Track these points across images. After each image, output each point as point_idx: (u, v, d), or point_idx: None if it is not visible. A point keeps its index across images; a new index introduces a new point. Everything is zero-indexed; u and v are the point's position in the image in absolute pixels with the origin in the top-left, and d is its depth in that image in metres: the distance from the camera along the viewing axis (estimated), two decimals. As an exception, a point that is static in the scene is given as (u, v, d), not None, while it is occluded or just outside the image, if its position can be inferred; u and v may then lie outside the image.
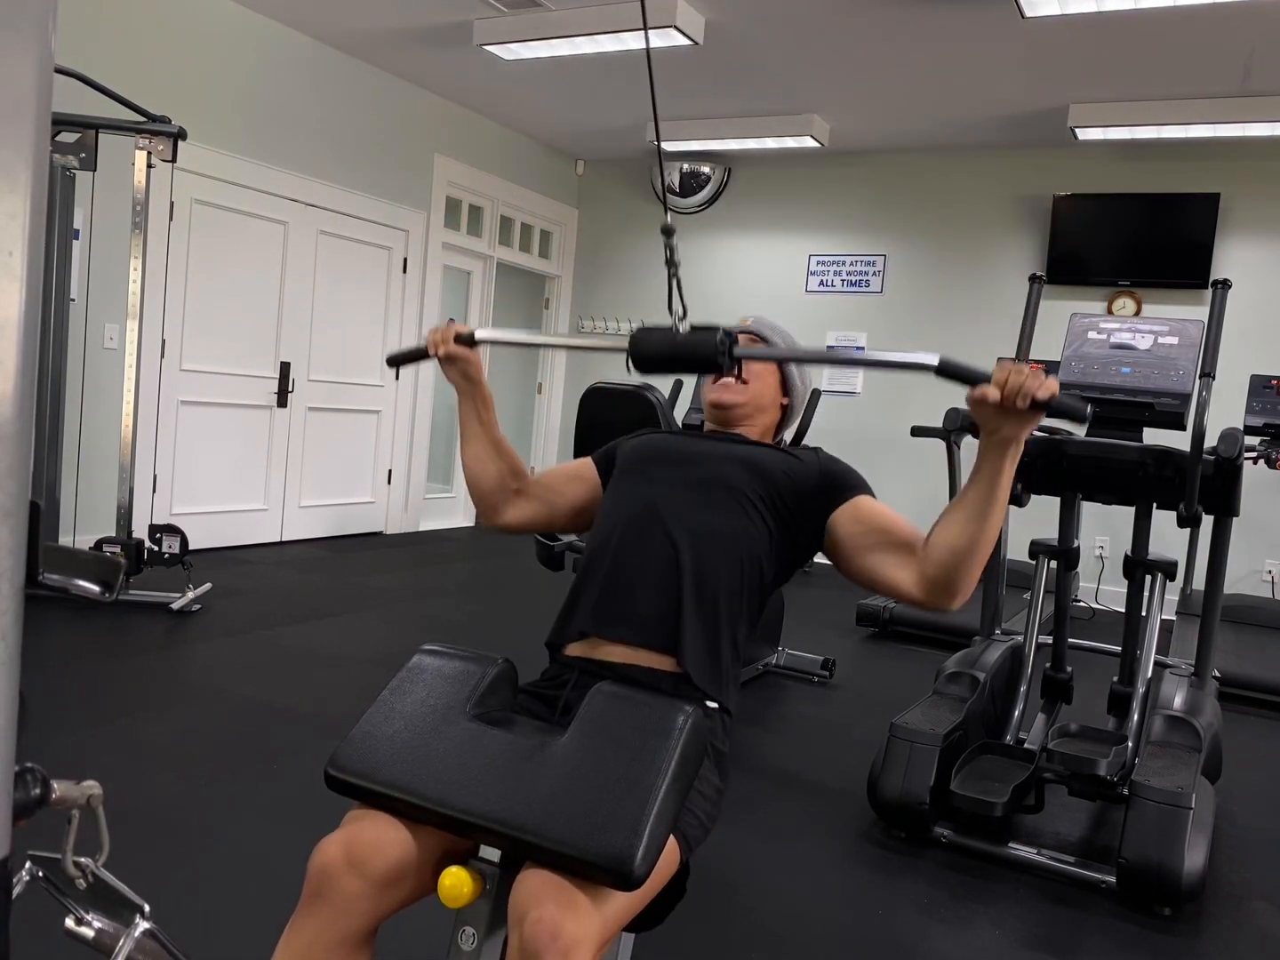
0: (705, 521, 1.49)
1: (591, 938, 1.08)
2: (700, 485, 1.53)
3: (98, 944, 1.00)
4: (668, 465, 1.58)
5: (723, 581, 1.47)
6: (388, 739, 1.25)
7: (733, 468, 1.55)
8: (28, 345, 0.56)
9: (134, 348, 4.12)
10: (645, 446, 1.65)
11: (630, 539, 1.50)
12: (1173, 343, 2.57)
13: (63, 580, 3.86)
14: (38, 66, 0.54)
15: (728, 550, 1.48)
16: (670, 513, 1.50)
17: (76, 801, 0.84)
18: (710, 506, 1.51)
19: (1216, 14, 4.22)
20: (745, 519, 1.50)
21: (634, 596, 1.46)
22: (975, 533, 1.35)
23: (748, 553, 1.50)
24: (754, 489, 1.52)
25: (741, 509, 1.51)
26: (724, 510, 1.51)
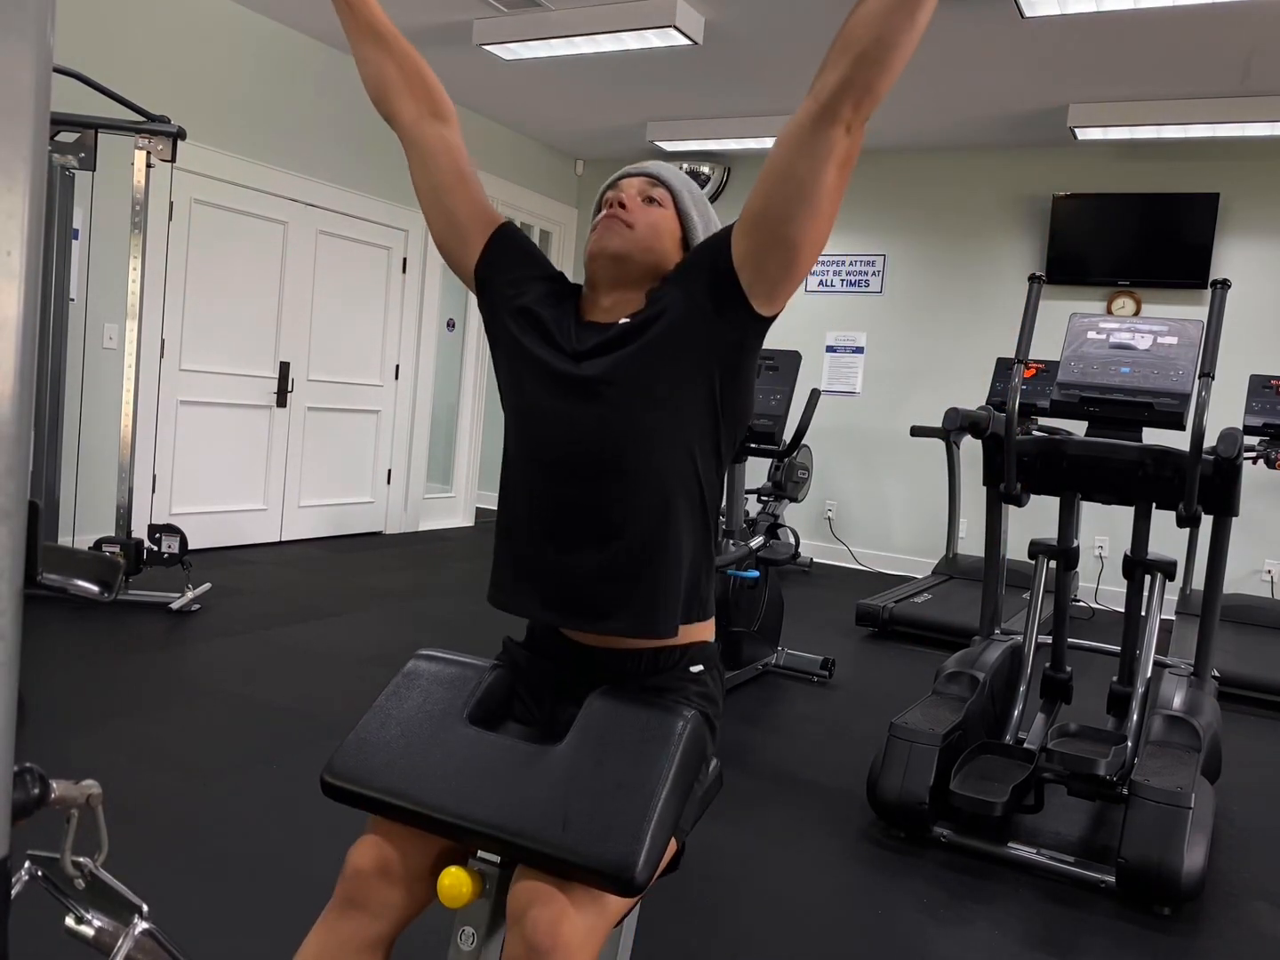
0: (612, 463, 1.27)
1: (589, 936, 1.08)
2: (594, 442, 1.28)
3: (97, 943, 1.00)
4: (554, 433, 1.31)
5: (645, 533, 1.26)
6: (384, 745, 1.25)
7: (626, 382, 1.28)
8: (27, 345, 0.56)
9: (133, 347, 4.12)
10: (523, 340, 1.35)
11: (536, 508, 1.31)
12: (1172, 343, 2.57)
13: (62, 580, 3.85)
14: (36, 65, 0.54)
15: (636, 489, 1.27)
16: (570, 484, 1.28)
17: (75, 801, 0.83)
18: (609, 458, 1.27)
19: (1216, 14, 4.22)
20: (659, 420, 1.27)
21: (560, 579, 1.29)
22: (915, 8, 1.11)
23: (663, 481, 1.27)
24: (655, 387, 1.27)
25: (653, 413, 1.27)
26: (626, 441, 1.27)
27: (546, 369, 1.32)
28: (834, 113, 1.16)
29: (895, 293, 6.79)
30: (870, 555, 6.87)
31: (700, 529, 1.32)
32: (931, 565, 6.52)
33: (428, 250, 6.56)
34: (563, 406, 1.30)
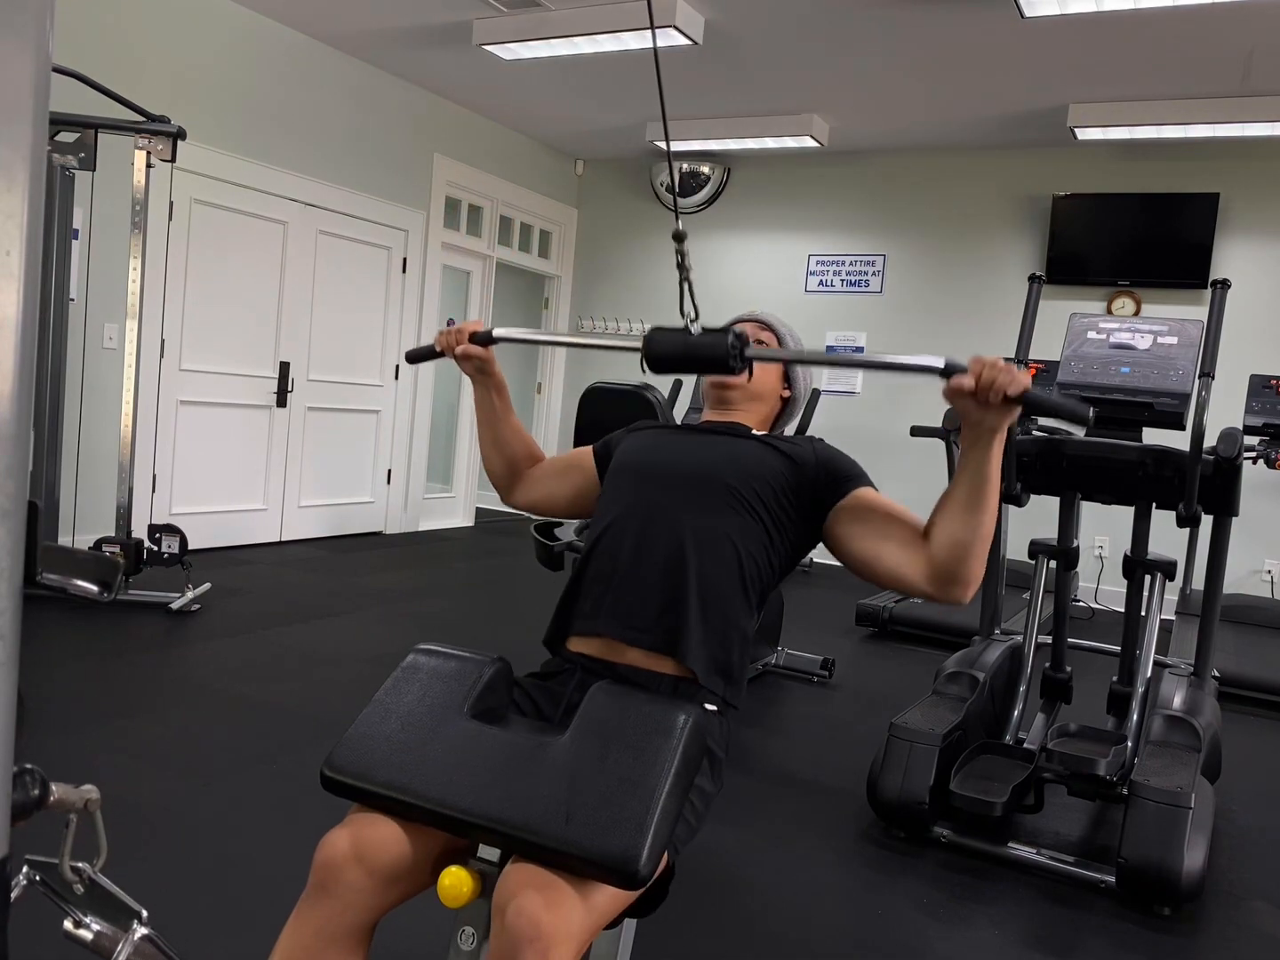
0: (707, 521, 1.49)
1: (573, 931, 1.08)
2: (700, 484, 1.52)
3: (96, 947, 1.00)
4: (666, 461, 1.58)
5: (727, 581, 1.47)
6: (384, 739, 1.24)
7: (731, 465, 1.54)
8: (26, 345, 0.56)
9: (133, 347, 4.12)
10: (643, 440, 1.65)
11: (633, 538, 1.49)
12: (1172, 342, 2.57)
13: (61, 580, 3.85)
14: (35, 65, 0.54)
15: (730, 549, 1.48)
16: (672, 512, 1.50)
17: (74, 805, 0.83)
18: (710, 502, 1.50)
19: (1216, 14, 4.22)
20: (745, 517, 1.50)
21: (642, 598, 1.45)
22: (974, 523, 1.36)
23: (748, 551, 1.49)
24: (752, 486, 1.52)
25: (742, 506, 1.50)
26: (724, 506, 1.50)
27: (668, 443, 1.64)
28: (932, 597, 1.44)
29: (895, 293, 6.79)
30: (870, 555, 6.86)
31: (749, 612, 1.52)
32: (931, 565, 6.51)
33: (427, 250, 6.56)
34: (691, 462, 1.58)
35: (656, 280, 7.55)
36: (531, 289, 8.23)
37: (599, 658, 1.46)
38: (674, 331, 1.41)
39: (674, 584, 1.45)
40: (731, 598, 1.47)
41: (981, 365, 1.28)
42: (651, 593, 1.45)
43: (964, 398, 1.30)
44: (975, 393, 1.29)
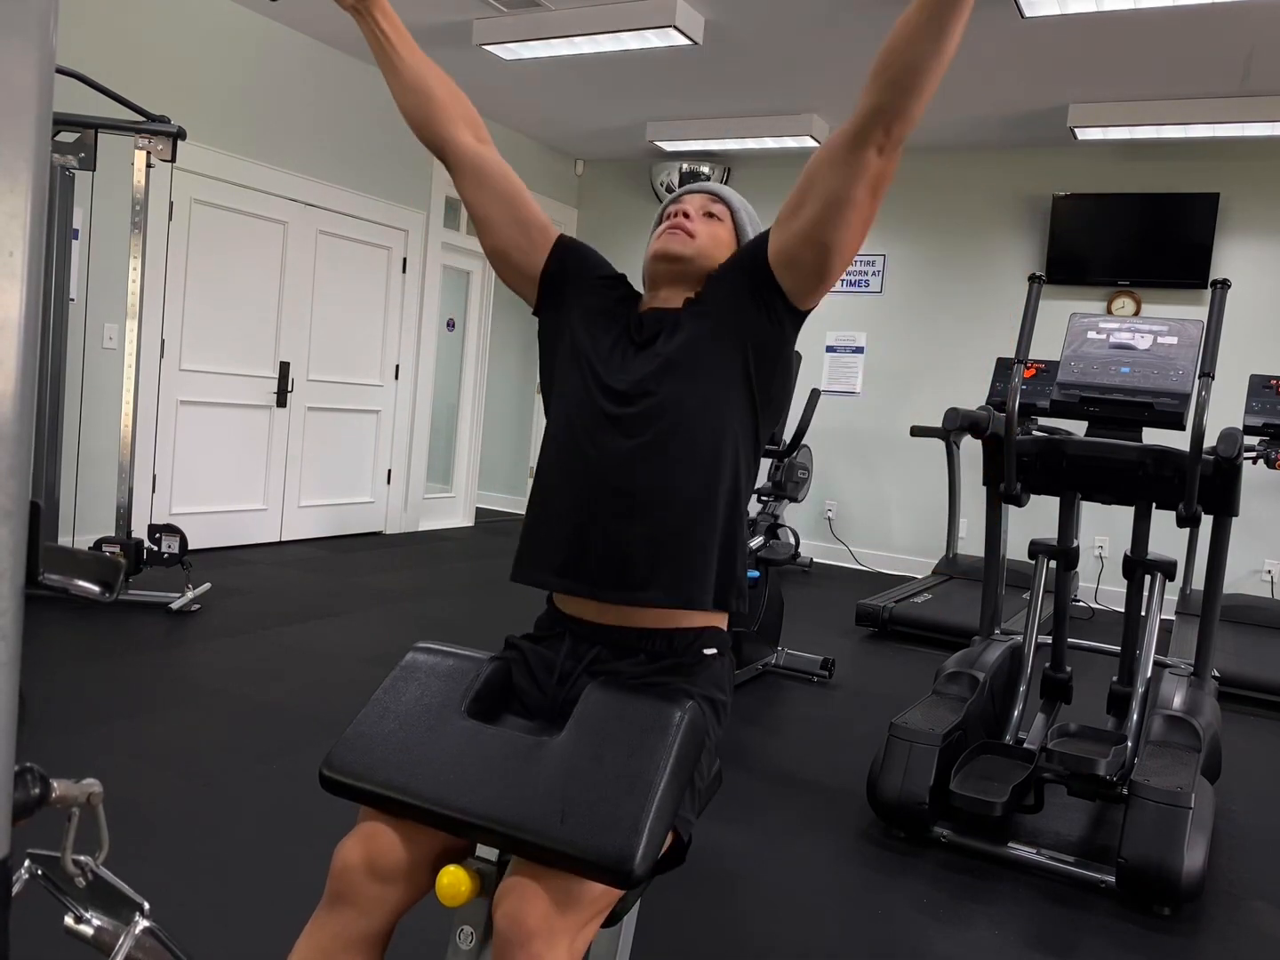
0: (671, 429, 1.35)
1: (563, 929, 1.08)
2: (641, 422, 1.36)
3: (97, 942, 1.00)
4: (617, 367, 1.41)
5: (705, 491, 1.35)
6: (382, 739, 1.24)
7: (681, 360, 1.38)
8: (28, 345, 0.56)
9: (133, 347, 4.12)
10: (591, 338, 1.45)
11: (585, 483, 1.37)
12: (1172, 342, 2.57)
13: (62, 580, 3.85)
14: (39, 66, 0.54)
15: (703, 451, 1.35)
16: (620, 453, 1.36)
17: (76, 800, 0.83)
18: (657, 444, 1.35)
19: (1216, 14, 4.22)
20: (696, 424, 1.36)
21: (624, 545, 1.34)
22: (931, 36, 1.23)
23: (719, 436, 1.36)
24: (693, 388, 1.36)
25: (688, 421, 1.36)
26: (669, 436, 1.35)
27: (609, 353, 1.43)
28: (867, 135, 1.26)
29: (895, 293, 6.79)
30: (870, 555, 6.87)
31: (735, 509, 1.40)
32: (931, 565, 6.52)
33: (428, 250, 6.56)
34: (623, 385, 1.39)
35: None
36: (531, 289, 8.21)
37: (588, 621, 1.39)
38: None
39: (656, 522, 1.33)
40: (716, 503, 1.35)
41: None
42: (634, 540, 1.33)
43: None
44: None
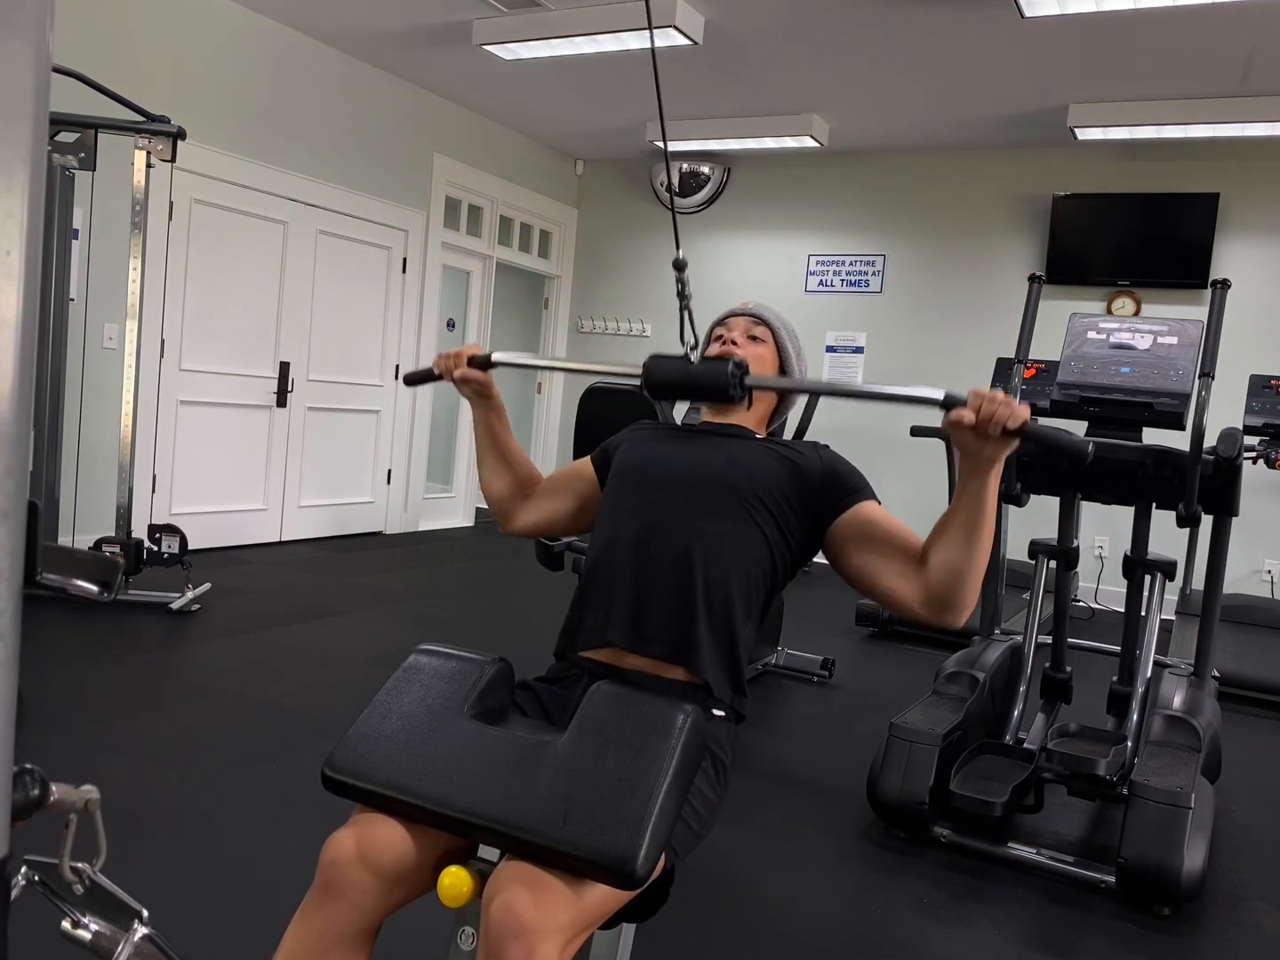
0: (711, 523, 1.48)
1: (559, 928, 1.07)
2: (702, 489, 1.52)
3: (95, 947, 0.99)
4: (669, 464, 1.56)
5: (733, 587, 1.47)
6: (385, 739, 1.24)
7: (735, 469, 1.53)
8: (26, 345, 0.56)
9: (133, 347, 4.12)
10: (643, 442, 1.64)
11: (638, 545, 1.49)
12: (1172, 342, 2.57)
13: (61, 580, 3.85)
14: (35, 65, 0.54)
15: (735, 555, 1.48)
16: (677, 518, 1.49)
17: (74, 805, 0.83)
18: (714, 507, 1.50)
19: (1216, 14, 4.22)
20: (748, 522, 1.50)
21: (650, 606, 1.45)
22: (969, 551, 1.38)
23: (753, 556, 1.49)
24: (755, 492, 1.51)
25: (745, 512, 1.50)
26: (728, 511, 1.50)
27: (669, 440, 1.63)
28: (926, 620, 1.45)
29: (895, 293, 6.79)
30: (870, 555, 6.86)
31: (751, 619, 1.52)
32: (931, 565, 6.51)
33: (427, 250, 6.56)
34: (682, 455, 1.58)
35: (656, 280, 7.55)
36: (531, 289, 8.23)
37: (607, 664, 1.47)
38: (674, 359, 1.45)
39: (682, 592, 1.45)
40: (737, 605, 1.47)
41: (981, 399, 1.29)
42: (660, 600, 1.45)
43: (964, 430, 1.31)
44: (975, 426, 1.29)
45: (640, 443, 1.64)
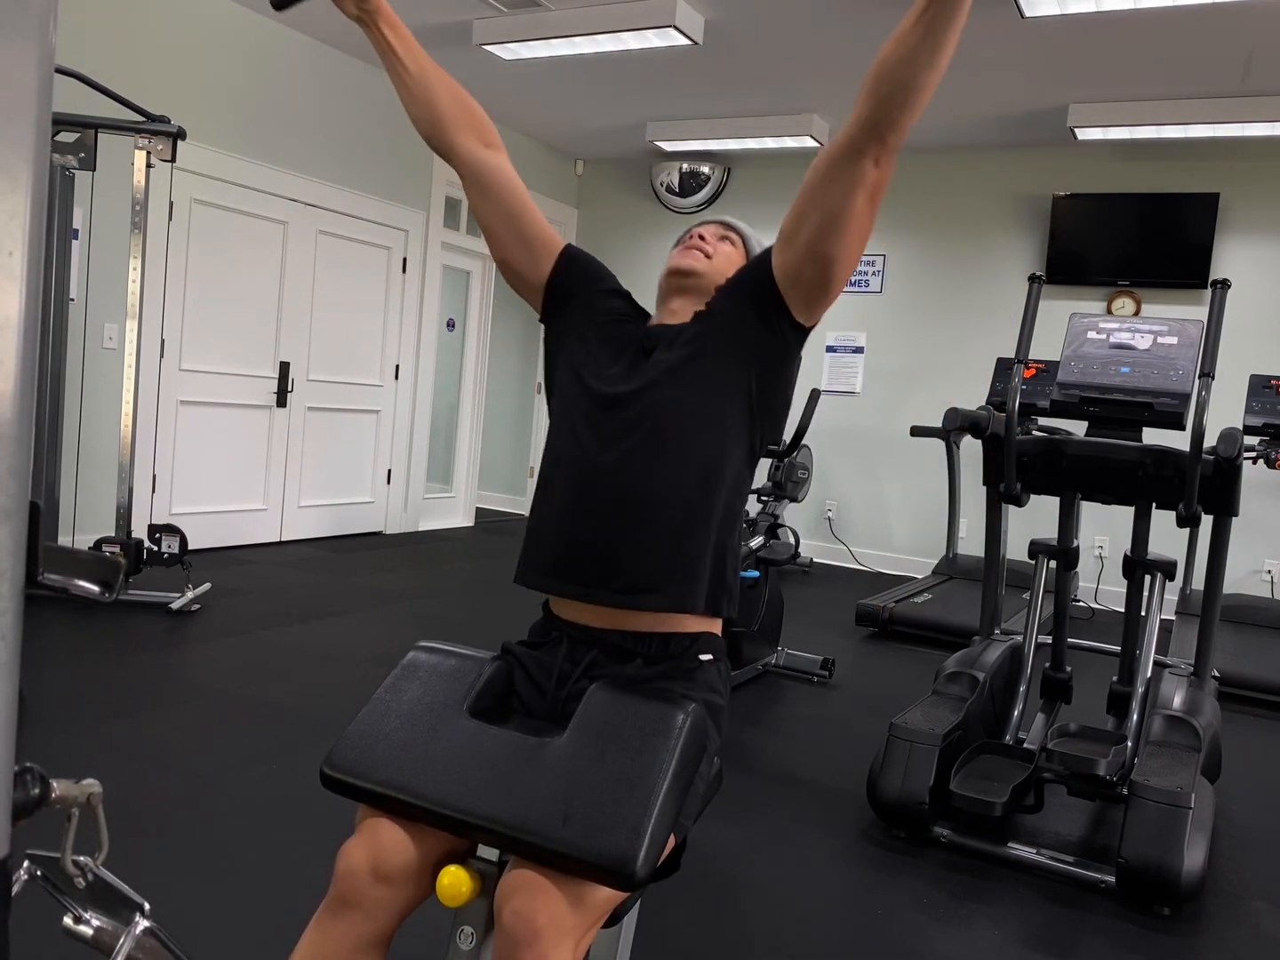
0: (651, 469, 1.37)
1: (569, 930, 1.08)
2: (636, 423, 1.39)
3: (97, 942, 1.00)
4: (607, 404, 1.42)
5: (688, 504, 1.36)
6: (384, 738, 1.24)
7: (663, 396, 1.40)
8: (28, 345, 0.56)
9: (134, 347, 4.12)
10: (588, 357, 1.48)
11: (584, 487, 1.39)
12: (1172, 342, 2.57)
13: (62, 580, 3.86)
14: (38, 66, 0.54)
15: (678, 468, 1.36)
16: (616, 457, 1.38)
17: (76, 800, 0.83)
18: (651, 451, 1.38)
19: (1216, 14, 4.22)
20: (691, 431, 1.38)
21: (620, 549, 1.35)
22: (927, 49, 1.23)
23: (703, 458, 1.38)
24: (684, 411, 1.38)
25: (682, 439, 1.38)
26: (664, 451, 1.37)
27: (611, 361, 1.47)
28: (861, 147, 1.27)
29: (895, 293, 6.79)
30: (870, 555, 6.87)
31: (729, 517, 1.42)
32: (931, 565, 6.52)
33: (428, 250, 6.56)
34: (622, 391, 1.42)
35: (656, 280, 7.54)
36: (531, 289, 8.21)
37: (583, 625, 1.40)
38: None
39: (651, 528, 1.35)
40: (697, 520, 1.36)
41: None
42: (629, 544, 1.35)
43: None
44: None
45: (585, 351, 1.49)
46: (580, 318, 1.53)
